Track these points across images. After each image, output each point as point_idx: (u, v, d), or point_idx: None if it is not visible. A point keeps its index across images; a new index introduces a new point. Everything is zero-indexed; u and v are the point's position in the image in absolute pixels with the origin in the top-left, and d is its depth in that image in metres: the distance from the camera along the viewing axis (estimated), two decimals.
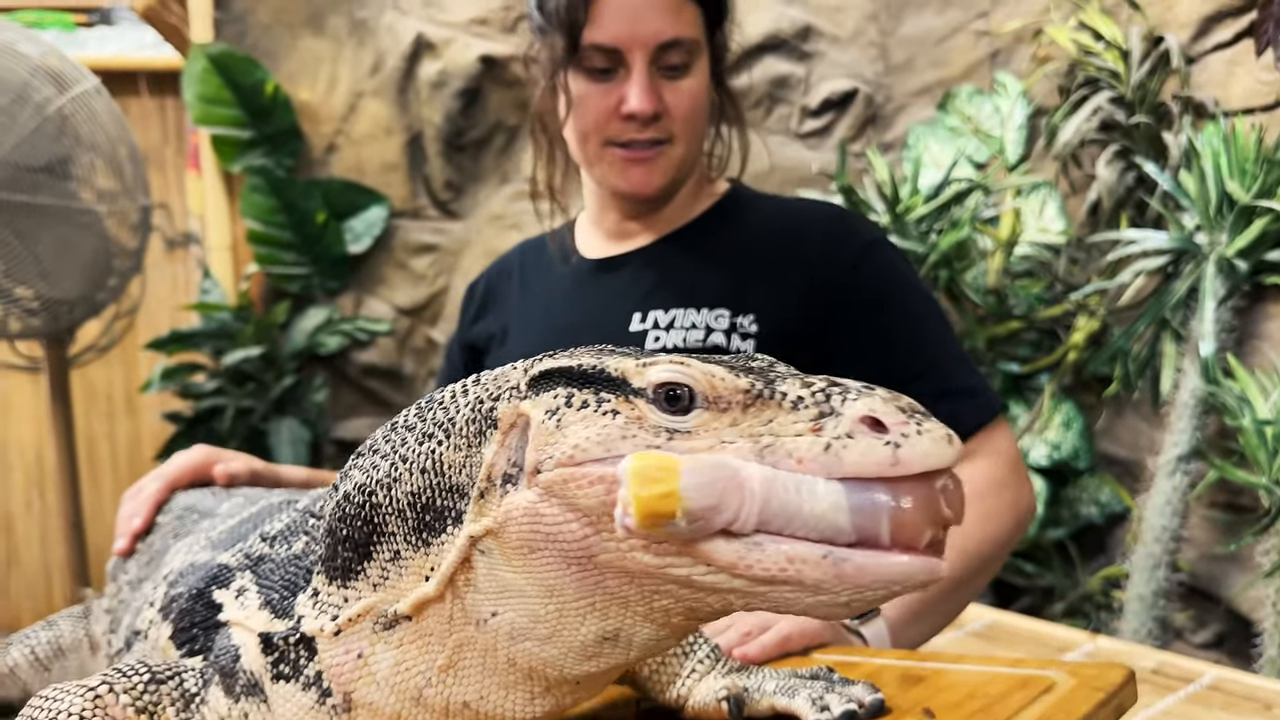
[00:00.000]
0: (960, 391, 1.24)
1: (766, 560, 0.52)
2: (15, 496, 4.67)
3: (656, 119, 1.24)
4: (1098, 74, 2.86)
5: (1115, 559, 2.82)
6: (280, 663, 0.68)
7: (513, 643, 0.60)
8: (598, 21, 1.22)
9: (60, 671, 1.14)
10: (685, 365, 0.57)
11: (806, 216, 1.34)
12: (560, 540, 0.56)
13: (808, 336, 1.25)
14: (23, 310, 2.76)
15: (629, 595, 0.57)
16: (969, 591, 1.21)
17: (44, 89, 2.66)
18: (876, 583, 0.52)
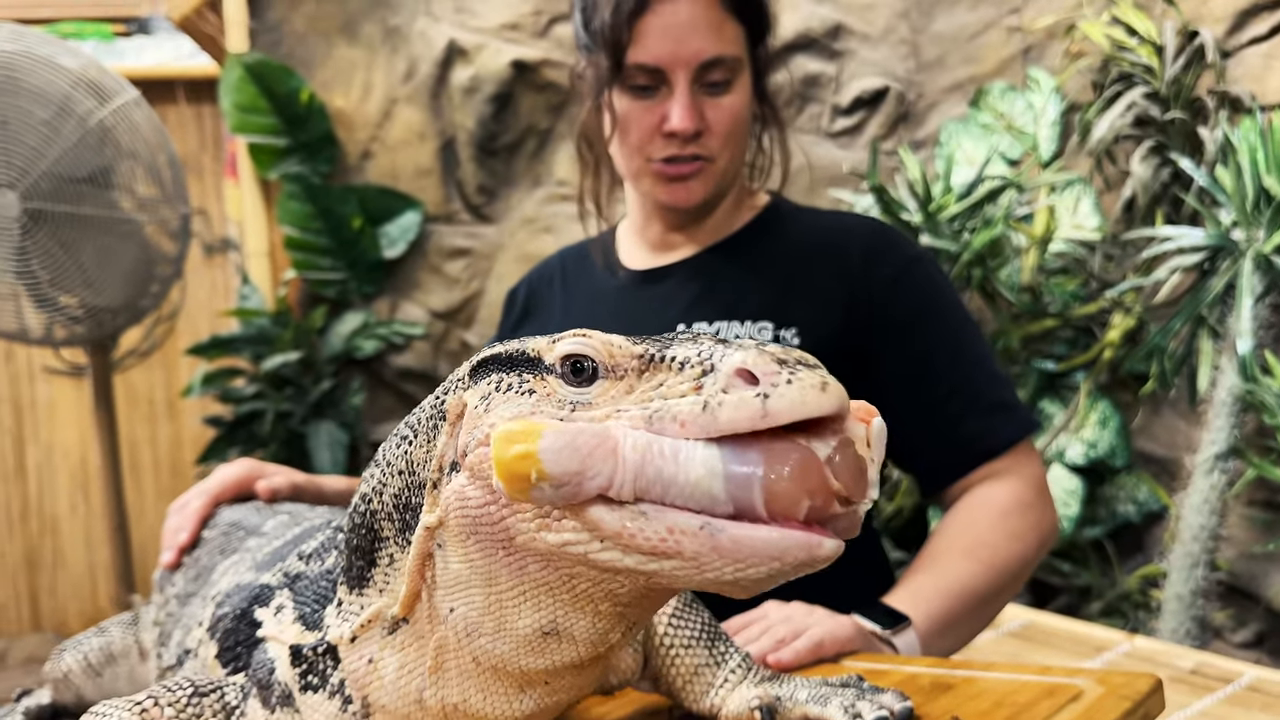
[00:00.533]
0: (995, 407, 1.26)
1: (648, 529, 0.52)
2: (61, 499, 4.76)
3: (697, 136, 1.26)
4: (1132, 69, 2.84)
5: (1153, 558, 2.80)
6: (308, 674, 0.71)
7: (470, 639, 0.62)
8: (641, 42, 1.24)
9: (111, 677, 1.17)
10: (586, 336, 0.58)
11: (848, 230, 1.35)
12: (485, 523, 0.58)
13: (848, 350, 1.26)
14: (67, 318, 2.82)
15: (550, 580, 0.58)
16: (996, 606, 1.22)
17: (85, 101, 2.72)
18: (754, 557, 0.51)
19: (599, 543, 0.54)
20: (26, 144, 2.64)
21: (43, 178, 2.66)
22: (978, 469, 1.25)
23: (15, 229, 2.66)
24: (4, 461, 4.70)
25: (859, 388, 1.26)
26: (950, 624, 1.12)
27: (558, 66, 3.35)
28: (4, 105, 2.62)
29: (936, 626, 1.10)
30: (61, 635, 4.74)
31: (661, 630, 0.80)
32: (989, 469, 1.25)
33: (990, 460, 1.25)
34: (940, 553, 1.19)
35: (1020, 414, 1.28)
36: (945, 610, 1.11)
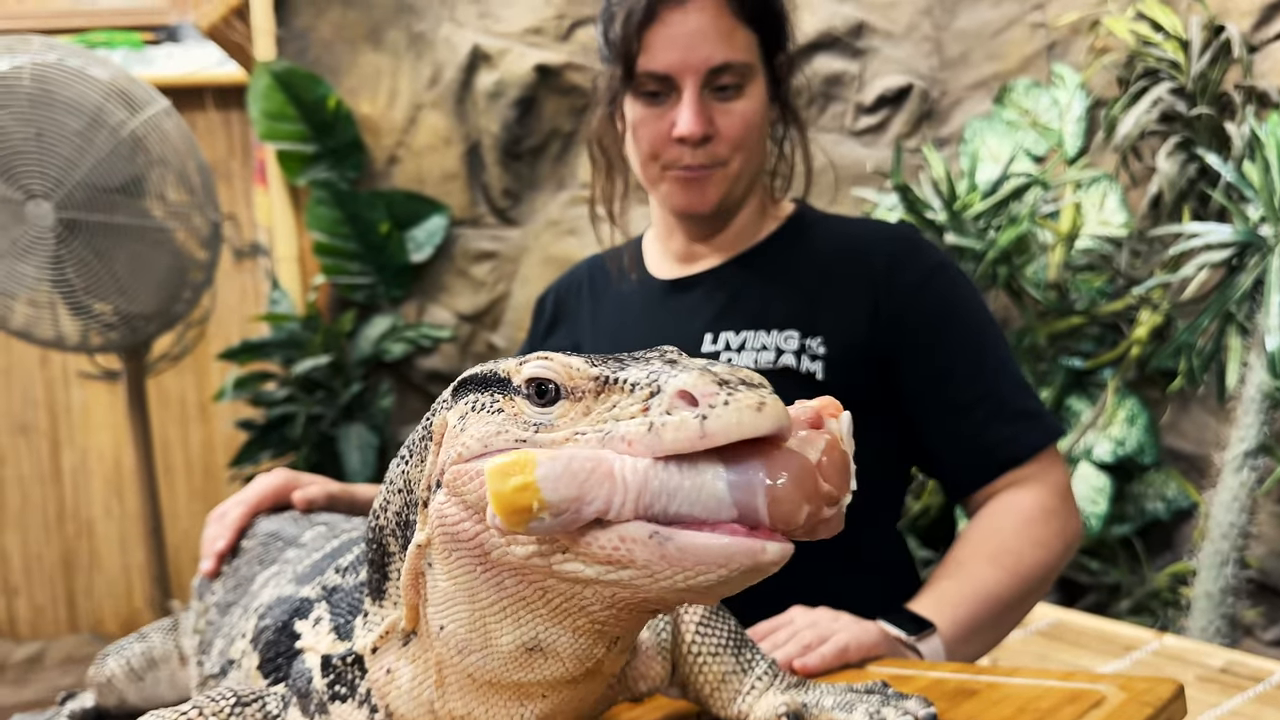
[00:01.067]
0: (1020, 415, 1.27)
1: (602, 539, 0.53)
2: (95, 502, 4.83)
3: (706, 141, 1.27)
4: (1157, 65, 2.82)
5: (1182, 555, 2.79)
6: (336, 683, 0.74)
7: (462, 656, 0.64)
8: (650, 50, 1.26)
9: (153, 681, 1.20)
10: (549, 360, 0.60)
11: (873, 238, 1.36)
12: (463, 540, 0.60)
13: (874, 358, 1.27)
14: (102, 325, 2.87)
15: (526, 595, 0.60)
16: (1020, 612, 1.23)
17: (117, 112, 2.76)
18: (700, 564, 0.52)
19: (560, 554, 0.56)
20: (61, 155, 2.69)
21: (77, 188, 2.71)
22: (1003, 476, 1.26)
23: (51, 238, 2.71)
24: (40, 465, 4.77)
25: (885, 394, 1.28)
26: (975, 630, 1.13)
27: (580, 70, 3.37)
28: (39, 117, 2.66)
29: (961, 633, 1.11)
30: (98, 636, 4.81)
31: (689, 638, 0.82)
32: (1014, 476, 1.26)
33: (1015, 467, 1.26)
34: (965, 559, 1.20)
35: (1045, 421, 1.29)
36: (970, 616, 1.12)
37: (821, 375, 1.24)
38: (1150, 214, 2.87)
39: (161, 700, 1.22)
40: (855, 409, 1.24)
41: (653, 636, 0.81)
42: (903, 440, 1.32)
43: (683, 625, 0.82)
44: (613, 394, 0.58)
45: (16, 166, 2.67)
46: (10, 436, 4.74)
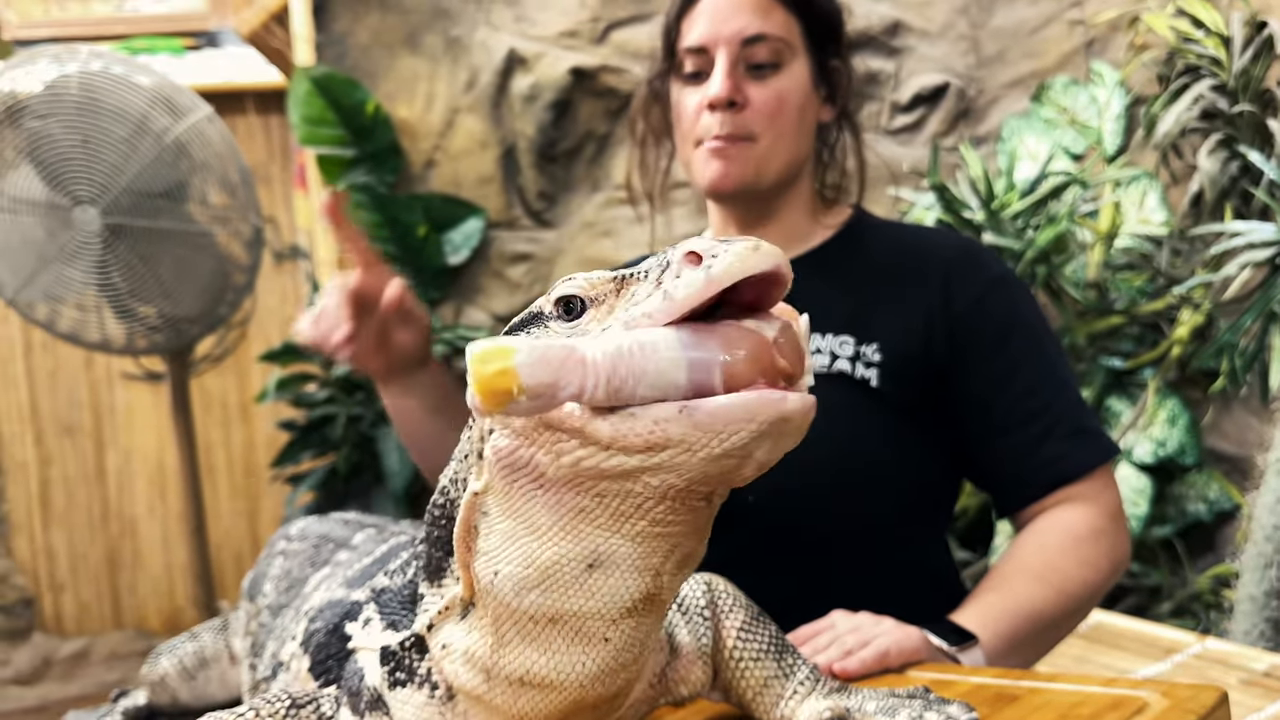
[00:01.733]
0: (1075, 432, 1.26)
1: (639, 427, 0.57)
2: (139, 501, 4.91)
3: (733, 106, 1.28)
4: (1198, 61, 2.79)
5: (1224, 557, 2.76)
6: (396, 669, 0.75)
7: (520, 598, 0.65)
8: (689, 29, 1.30)
9: (204, 680, 1.23)
10: (573, 278, 0.64)
11: (933, 246, 1.36)
12: (520, 466, 0.63)
13: (929, 367, 1.27)
14: (147, 328, 2.92)
15: (585, 505, 0.62)
16: (1062, 631, 1.23)
17: (161, 119, 2.81)
18: (731, 424, 0.55)
19: (604, 452, 0.58)
20: (107, 161, 2.74)
21: (122, 194, 2.76)
22: (1054, 492, 1.25)
23: (97, 243, 2.76)
24: (85, 465, 4.86)
25: (940, 404, 1.28)
26: (1016, 646, 1.13)
27: (616, 72, 3.39)
28: (85, 124, 2.72)
29: (1003, 647, 1.11)
30: (142, 632, 4.89)
31: (731, 643, 0.83)
32: (1066, 493, 1.25)
33: (1067, 484, 1.25)
34: (1011, 574, 1.20)
35: (1101, 440, 1.28)
36: (1012, 631, 1.12)
37: (876, 382, 1.25)
38: (1191, 212, 2.84)
39: (212, 699, 1.25)
40: (909, 417, 1.26)
41: (693, 641, 0.82)
42: (955, 451, 1.32)
43: (724, 630, 0.84)
44: (631, 287, 0.62)
45: (64, 173, 2.73)
46: (56, 437, 4.83)
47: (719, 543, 1.21)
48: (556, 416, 0.59)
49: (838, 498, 1.24)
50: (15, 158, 2.75)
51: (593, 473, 0.60)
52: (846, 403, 1.24)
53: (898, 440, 1.27)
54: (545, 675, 0.68)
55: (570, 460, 0.60)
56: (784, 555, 1.23)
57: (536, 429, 0.61)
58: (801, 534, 1.23)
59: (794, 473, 1.22)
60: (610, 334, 0.59)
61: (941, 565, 1.37)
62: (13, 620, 4.78)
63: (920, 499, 1.32)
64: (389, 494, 3.19)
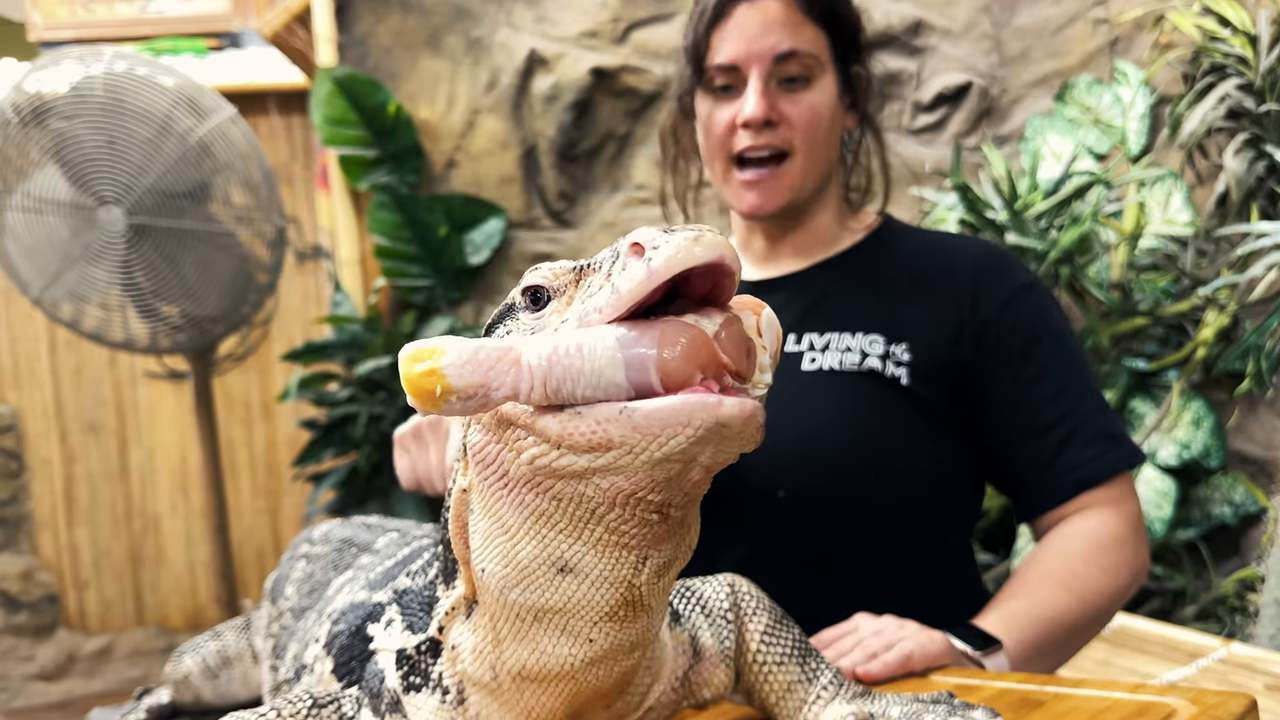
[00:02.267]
0: (1098, 437, 1.26)
1: (583, 426, 0.56)
2: (162, 498, 4.94)
3: (769, 125, 1.28)
4: (1224, 60, 2.76)
5: (1250, 561, 2.74)
6: (410, 674, 0.76)
7: (504, 595, 0.65)
8: (719, 45, 1.30)
9: (226, 679, 1.24)
10: (538, 268, 0.65)
11: (961, 252, 1.36)
12: (489, 463, 0.63)
13: (957, 369, 1.27)
14: (170, 327, 2.94)
15: (544, 509, 0.61)
16: (1083, 638, 1.23)
17: (185, 119, 2.83)
18: (667, 427, 0.54)
19: (555, 450, 0.58)
20: (131, 162, 2.77)
21: (146, 194, 2.78)
22: (1077, 498, 1.25)
23: (121, 243, 2.78)
24: (108, 462, 4.89)
25: (966, 407, 1.28)
26: (1039, 652, 1.13)
27: (636, 73, 3.39)
28: (111, 125, 2.74)
29: (1026, 653, 1.11)
30: (164, 629, 4.92)
31: (754, 647, 0.83)
32: (1088, 499, 1.25)
33: (1091, 489, 1.25)
34: (1034, 580, 1.19)
35: (1124, 446, 1.27)
36: (1036, 638, 1.12)
37: (906, 381, 1.25)
38: (1217, 213, 2.82)
39: (235, 697, 1.26)
40: (938, 417, 1.26)
41: (716, 644, 0.82)
42: (979, 455, 1.32)
43: (747, 634, 0.83)
44: (588, 277, 0.62)
45: (89, 173, 2.75)
46: (80, 435, 4.87)
47: (747, 539, 1.21)
48: (511, 412, 0.59)
49: (867, 494, 1.24)
50: (41, 158, 2.78)
51: (546, 471, 0.59)
52: (877, 399, 1.24)
53: (927, 439, 1.27)
54: (539, 669, 0.68)
55: (527, 457, 0.60)
56: (811, 552, 1.23)
57: (500, 424, 0.61)
58: (829, 531, 1.23)
59: (824, 469, 1.22)
60: (548, 334, 0.59)
61: (964, 566, 1.37)
62: (38, 616, 4.82)
63: (946, 499, 1.32)
64: (409, 494, 3.20)
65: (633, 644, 0.68)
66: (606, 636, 0.66)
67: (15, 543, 4.81)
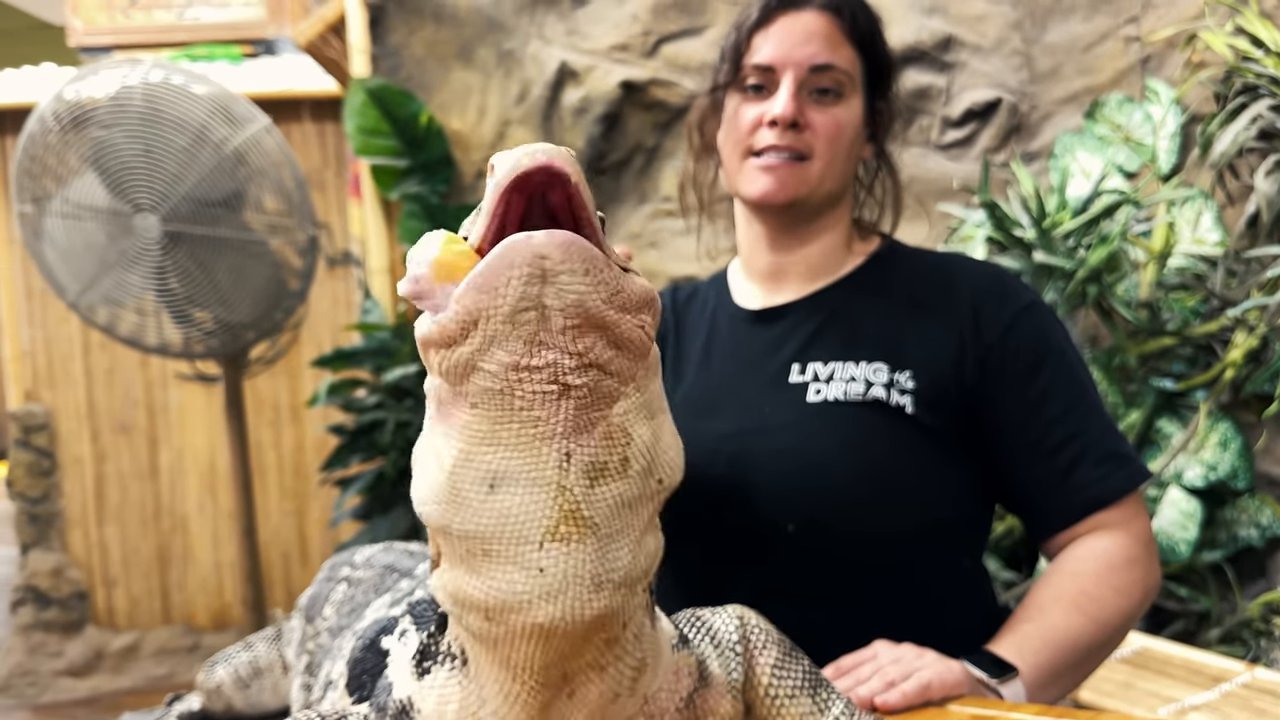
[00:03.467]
0: (1106, 458, 1.26)
1: (449, 313, 0.62)
2: (190, 499, 5.00)
3: (795, 127, 1.30)
4: (1257, 80, 2.75)
5: (1276, 584, 2.72)
6: (424, 659, 0.76)
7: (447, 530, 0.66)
8: (758, 47, 1.33)
9: (257, 689, 1.27)
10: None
11: (963, 274, 1.37)
12: (430, 393, 0.68)
13: (962, 394, 1.28)
14: (203, 333, 2.98)
15: (465, 420, 0.64)
16: (1098, 659, 1.23)
17: (221, 129, 2.87)
18: (498, 274, 0.60)
19: (446, 350, 0.63)
20: (167, 170, 2.81)
21: (181, 202, 2.83)
22: (1086, 519, 1.26)
23: (156, 250, 2.83)
24: (138, 462, 4.96)
25: (973, 431, 1.28)
26: (1055, 676, 1.14)
27: (665, 85, 3.41)
28: (148, 134, 2.79)
29: (1043, 678, 1.11)
30: (190, 628, 4.98)
31: (765, 680, 0.84)
32: (1098, 520, 1.25)
33: (1101, 509, 1.25)
34: (1047, 603, 1.20)
35: (1132, 465, 1.28)
36: (1051, 662, 1.13)
37: (911, 409, 1.25)
38: (1247, 234, 2.80)
39: (264, 707, 1.29)
40: (944, 443, 1.27)
41: (724, 674, 0.83)
42: (989, 477, 1.32)
43: (757, 667, 0.84)
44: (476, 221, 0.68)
45: (126, 181, 2.80)
46: (112, 435, 4.93)
47: (758, 572, 1.23)
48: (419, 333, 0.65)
49: (876, 524, 1.25)
50: (80, 165, 2.83)
51: (452, 375, 0.64)
52: (883, 429, 1.25)
53: (934, 466, 1.28)
54: (499, 605, 0.66)
55: (434, 368, 0.65)
56: (823, 582, 1.24)
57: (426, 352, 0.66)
58: (840, 562, 1.24)
59: (832, 502, 1.23)
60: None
61: (979, 587, 1.37)
62: (67, 613, 4.89)
63: (957, 523, 1.32)
64: None
65: (593, 578, 0.65)
66: (556, 563, 0.64)
67: (46, 540, 4.88)
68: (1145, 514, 1.29)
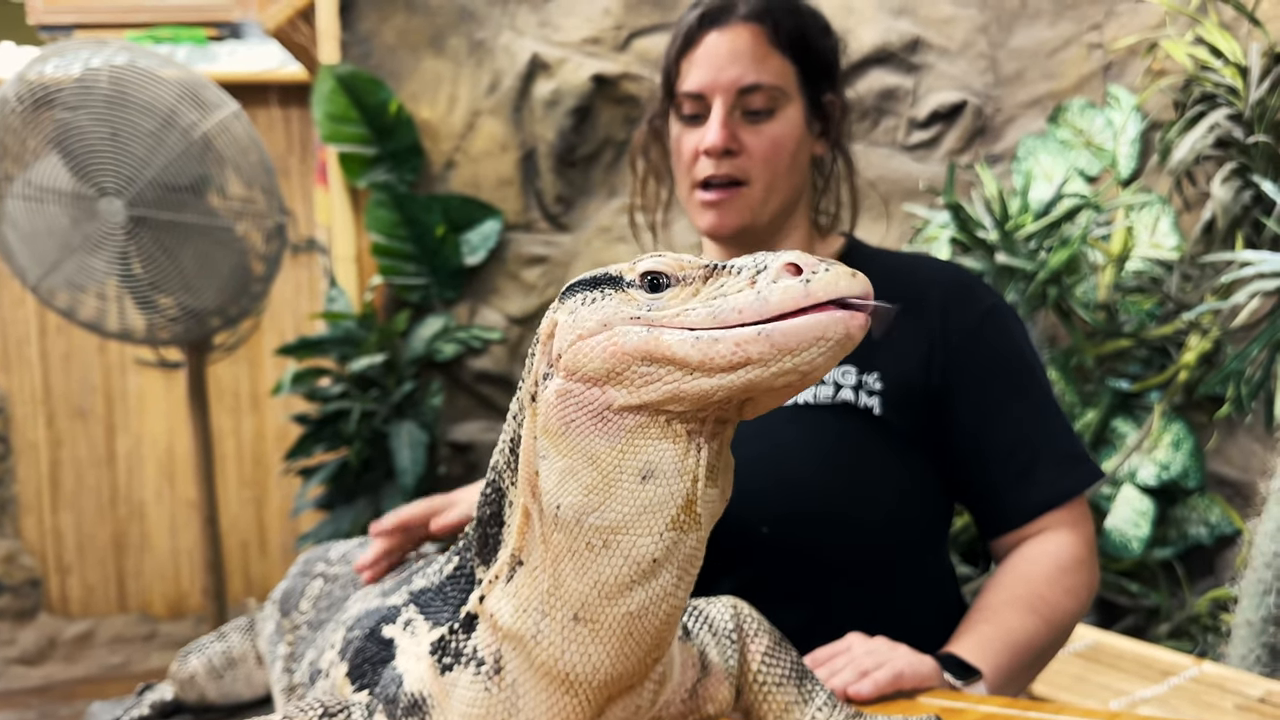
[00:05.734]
0: (1062, 458, 1.30)
1: (722, 349, 0.63)
2: (148, 486, 4.95)
3: (729, 154, 1.32)
4: (1215, 90, 2.82)
5: (1224, 581, 2.79)
6: (444, 655, 0.78)
7: (581, 524, 0.68)
8: (688, 72, 1.34)
9: (231, 679, 1.27)
10: (662, 255, 0.69)
11: (927, 278, 1.39)
12: (581, 407, 0.67)
13: (927, 395, 1.31)
14: (167, 319, 2.95)
15: (642, 423, 0.67)
16: (1049, 657, 1.27)
17: (189, 113, 2.85)
18: (803, 340, 0.62)
19: (690, 375, 0.65)
20: (134, 154, 2.78)
21: (147, 186, 2.80)
22: (1039, 519, 1.29)
23: (120, 234, 2.80)
24: (95, 449, 4.90)
25: (936, 431, 1.31)
26: (1012, 677, 1.17)
27: (636, 80, 3.42)
28: (114, 117, 2.75)
29: (1000, 679, 1.15)
30: (147, 616, 4.93)
31: (755, 667, 0.87)
32: (1048, 520, 1.30)
33: (1053, 509, 1.29)
34: (1001, 606, 1.23)
35: (1084, 465, 1.32)
36: (1009, 663, 1.16)
37: (879, 411, 1.28)
38: (1203, 239, 2.87)
39: (239, 697, 1.29)
40: (912, 443, 1.30)
41: (721, 661, 0.86)
42: (946, 474, 1.35)
43: (749, 655, 0.87)
44: (720, 277, 0.67)
45: (91, 164, 2.77)
46: (68, 420, 4.87)
47: (734, 573, 1.25)
48: (645, 347, 0.66)
49: (846, 525, 1.28)
50: (43, 147, 2.79)
51: (672, 396, 0.66)
52: (852, 432, 1.28)
53: (901, 466, 1.31)
54: (597, 603, 0.70)
55: (659, 386, 0.66)
56: (796, 582, 1.26)
57: (614, 369, 0.66)
58: (811, 562, 1.26)
59: (804, 504, 1.26)
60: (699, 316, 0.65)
61: (944, 578, 1.41)
62: (20, 600, 4.82)
63: (922, 519, 1.36)
64: (399, 490, 3.22)
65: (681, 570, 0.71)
66: (666, 550, 0.69)
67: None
68: (1090, 515, 1.33)
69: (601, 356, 0.66)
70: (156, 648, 4.85)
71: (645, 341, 0.65)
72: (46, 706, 4.34)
